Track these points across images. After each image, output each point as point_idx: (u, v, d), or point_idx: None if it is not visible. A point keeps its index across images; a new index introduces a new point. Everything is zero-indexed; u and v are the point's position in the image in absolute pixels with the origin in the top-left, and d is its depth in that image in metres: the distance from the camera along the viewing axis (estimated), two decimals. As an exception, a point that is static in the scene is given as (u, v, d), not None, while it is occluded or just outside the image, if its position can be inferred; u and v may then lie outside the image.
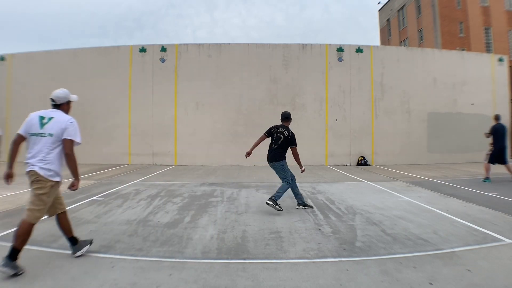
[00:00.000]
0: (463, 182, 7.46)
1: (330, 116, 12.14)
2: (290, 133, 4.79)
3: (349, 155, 12.13)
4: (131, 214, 4.42)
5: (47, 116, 2.75)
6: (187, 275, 2.50)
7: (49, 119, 2.71)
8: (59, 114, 2.79)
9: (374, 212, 4.55)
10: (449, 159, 12.32)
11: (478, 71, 12.91)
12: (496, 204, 5.01)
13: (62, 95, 2.89)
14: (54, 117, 2.73)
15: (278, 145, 4.77)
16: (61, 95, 2.89)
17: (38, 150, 2.64)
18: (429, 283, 2.35)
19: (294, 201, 5.22)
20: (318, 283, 2.38)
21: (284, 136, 4.75)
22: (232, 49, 12.33)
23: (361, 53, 12.32)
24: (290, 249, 3.11)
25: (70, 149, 2.70)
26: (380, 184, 7.18)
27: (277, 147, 4.77)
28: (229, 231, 3.69)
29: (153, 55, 12.17)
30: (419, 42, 24.82)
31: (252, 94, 12.01)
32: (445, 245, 3.17)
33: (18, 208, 4.73)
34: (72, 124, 2.74)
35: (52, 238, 3.37)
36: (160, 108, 12.06)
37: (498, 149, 7.44)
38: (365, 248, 3.10)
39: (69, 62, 12.36)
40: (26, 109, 13.78)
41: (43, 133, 2.66)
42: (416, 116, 12.43)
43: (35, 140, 2.66)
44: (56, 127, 2.67)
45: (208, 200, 5.44)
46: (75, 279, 2.42)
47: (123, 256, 2.89)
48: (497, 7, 22.38)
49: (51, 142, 2.66)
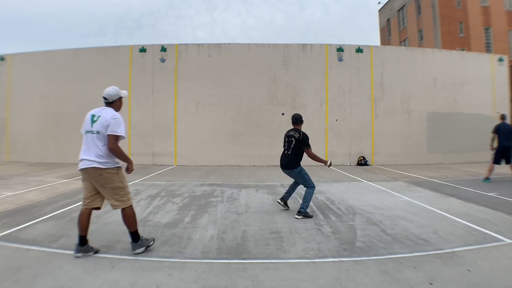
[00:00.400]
0: (463, 182, 7.46)
1: (330, 116, 12.15)
2: (301, 134, 4.52)
3: (349, 155, 12.14)
4: (131, 214, 4.41)
5: (97, 114, 2.90)
6: (187, 275, 2.50)
7: (98, 117, 2.87)
8: (107, 111, 2.92)
9: (374, 212, 4.55)
10: (449, 159, 12.32)
11: (478, 71, 12.91)
12: (496, 204, 5.01)
13: (112, 92, 3.02)
14: (102, 115, 2.87)
15: (291, 150, 4.52)
16: (112, 93, 3.02)
17: (91, 147, 2.83)
18: (429, 283, 2.35)
19: (295, 201, 5.22)
20: (318, 283, 2.38)
21: (295, 138, 4.50)
22: (232, 49, 12.33)
23: (361, 53, 12.32)
24: (290, 249, 3.11)
25: (113, 143, 2.83)
26: (380, 184, 7.18)
27: (290, 153, 4.52)
28: (229, 231, 3.69)
29: (153, 55, 12.17)
30: (419, 42, 24.82)
31: (252, 94, 12.01)
32: (445, 245, 3.17)
33: (18, 208, 4.73)
34: (115, 119, 2.86)
35: (52, 238, 3.38)
36: (160, 108, 12.06)
37: (502, 147, 7.41)
38: (365, 248, 3.10)
39: (69, 62, 12.36)
40: (26, 109, 13.81)
41: (92, 130, 2.84)
42: (416, 116, 12.43)
43: (87, 138, 2.86)
44: (101, 124, 2.83)
45: (208, 200, 5.44)
46: (75, 279, 2.42)
47: (123, 256, 2.89)
48: (497, 7, 22.38)
49: (99, 139, 2.83)
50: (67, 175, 8.47)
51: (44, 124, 12.32)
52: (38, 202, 5.17)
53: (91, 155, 2.81)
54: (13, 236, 3.43)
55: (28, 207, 4.80)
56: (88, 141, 2.84)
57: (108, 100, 2.99)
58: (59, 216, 4.29)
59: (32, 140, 12.27)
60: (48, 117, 12.29)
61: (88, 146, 2.84)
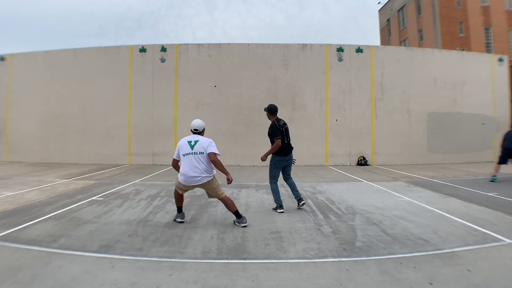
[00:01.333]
0: (463, 182, 7.46)
1: (330, 116, 12.14)
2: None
3: (349, 155, 12.13)
4: (131, 214, 4.42)
5: (194, 139, 3.88)
6: (187, 275, 2.50)
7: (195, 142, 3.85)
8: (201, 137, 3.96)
9: (374, 212, 4.55)
10: (449, 159, 12.31)
11: (478, 71, 12.90)
12: (496, 204, 5.01)
13: (201, 123, 4.13)
14: (199, 140, 3.86)
15: (289, 136, 4.82)
16: (201, 124, 4.12)
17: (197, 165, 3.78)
18: (429, 283, 2.35)
19: (295, 201, 5.22)
20: (318, 283, 2.38)
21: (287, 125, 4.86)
22: (232, 49, 12.32)
23: (361, 53, 12.32)
24: (290, 249, 3.11)
25: (214, 157, 3.79)
26: (380, 184, 7.18)
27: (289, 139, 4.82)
28: (229, 231, 3.70)
29: (153, 55, 12.17)
30: (419, 42, 24.82)
31: (252, 94, 12.00)
32: (445, 245, 3.17)
33: (18, 208, 4.73)
34: (211, 142, 3.90)
35: (52, 238, 3.38)
36: (160, 108, 12.06)
37: (505, 149, 7.67)
38: (365, 248, 3.10)
39: (69, 62, 12.36)
40: (26, 109, 13.80)
41: (195, 152, 3.78)
42: (416, 116, 12.42)
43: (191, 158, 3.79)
44: (201, 146, 3.81)
45: (208, 200, 5.43)
46: (75, 279, 2.42)
47: (123, 256, 2.89)
48: (497, 7, 22.38)
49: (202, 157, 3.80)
50: (67, 175, 8.47)
51: (44, 124, 12.32)
52: (38, 202, 5.17)
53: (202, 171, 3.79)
54: (13, 236, 3.43)
55: (28, 207, 4.80)
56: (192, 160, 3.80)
57: (198, 130, 4.06)
58: (59, 216, 4.29)
59: (32, 140, 12.27)
60: (48, 117, 12.29)
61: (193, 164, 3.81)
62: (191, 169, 3.72)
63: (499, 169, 7.73)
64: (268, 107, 4.87)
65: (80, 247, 3.12)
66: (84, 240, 3.33)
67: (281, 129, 4.68)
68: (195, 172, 3.71)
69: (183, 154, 3.76)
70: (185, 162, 3.75)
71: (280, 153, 4.70)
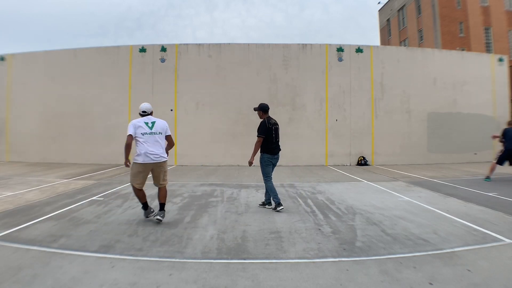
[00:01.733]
0: (463, 182, 7.46)
1: (330, 116, 12.14)
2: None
3: (349, 155, 12.13)
4: (131, 214, 4.42)
5: (150, 121, 3.95)
6: (187, 275, 2.50)
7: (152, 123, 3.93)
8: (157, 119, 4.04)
9: (374, 212, 4.55)
10: (449, 159, 12.32)
11: (478, 71, 12.91)
12: (496, 204, 5.01)
13: (149, 106, 4.12)
14: (156, 121, 3.96)
15: (278, 136, 4.86)
16: (150, 107, 4.11)
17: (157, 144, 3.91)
18: (429, 283, 2.35)
19: (295, 201, 5.23)
20: (318, 283, 2.38)
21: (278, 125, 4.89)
22: (232, 49, 12.33)
23: (361, 53, 12.32)
24: (290, 249, 3.11)
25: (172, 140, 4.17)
26: (380, 184, 7.18)
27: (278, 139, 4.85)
28: (229, 231, 3.70)
29: (153, 55, 12.17)
30: (419, 42, 24.82)
31: (252, 94, 11.99)
32: (445, 245, 3.17)
33: (18, 208, 4.73)
34: (168, 125, 4.11)
35: (52, 238, 3.38)
36: (160, 108, 12.04)
37: (507, 150, 7.53)
38: (365, 248, 3.10)
39: (69, 62, 12.36)
40: (26, 109, 13.78)
41: (155, 132, 3.89)
42: (416, 116, 12.43)
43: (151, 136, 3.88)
44: (160, 127, 3.95)
45: (208, 200, 5.44)
46: (75, 279, 2.42)
47: (123, 256, 2.89)
48: (497, 7, 22.38)
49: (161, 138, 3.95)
50: (67, 175, 8.47)
51: (44, 124, 12.32)
52: (38, 202, 5.17)
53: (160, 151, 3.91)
54: (13, 236, 3.43)
55: (28, 207, 4.80)
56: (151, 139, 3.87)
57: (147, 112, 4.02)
58: (59, 216, 4.29)
59: (32, 140, 12.27)
60: (48, 117, 12.29)
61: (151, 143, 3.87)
62: (153, 146, 3.82)
63: (495, 169, 7.65)
64: (260, 105, 4.93)
65: (80, 247, 3.12)
66: (84, 240, 3.33)
67: (271, 128, 4.73)
68: (157, 149, 3.84)
69: (141, 133, 3.81)
70: (146, 141, 3.82)
71: (268, 151, 4.77)
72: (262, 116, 4.87)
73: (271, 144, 4.74)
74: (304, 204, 5.16)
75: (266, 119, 4.79)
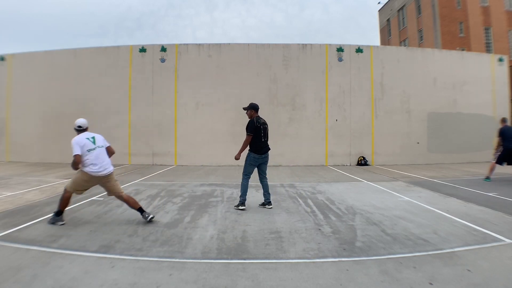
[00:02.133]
0: (463, 182, 7.46)
1: (330, 116, 12.14)
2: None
3: (349, 155, 12.13)
4: (131, 214, 4.41)
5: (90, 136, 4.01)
6: (187, 275, 2.50)
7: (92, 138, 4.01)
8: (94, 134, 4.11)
9: (374, 212, 4.55)
10: (449, 159, 12.32)
11: (478, 71, 12.91)
12: (496, 204, 5.01)
13: (86, 121, 4.15)
14: (95, 136, 4.04)
15: (267, 136, 4.91)
16: (86, 122, 4.14)
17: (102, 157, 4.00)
18: (429, 283, 2.35)
19: (295, 201, 5.23)
20: (318, 283, 2.38)
21: (267, 125, 4.93)
22: (232, 49, 12.32)
23: (361, 53, 12.32)
24: (290, 249, 3.11)
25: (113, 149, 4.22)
26: (380, 184, 7.18)
27: (267, 138, 4.90)
28: (229, 231, 3.70)
29: (153, 55, 12.17)
30: (419, 42, 24.82)
31: (252, 94, 11.96)
32: (445, 245, 3.17)
33: (18, 208, 4.73)
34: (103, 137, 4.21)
35: (52, 238, 3.38)
36: (160, 108, 12.06)
37: (507, 149, 7.46)
38: (365, 248, 3.10)
39: (69, 62, 12.36)
40: (26, 109, 13.76)
41: (99, 146, 3.98)
42: (416, 116, 12.43)
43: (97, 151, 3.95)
44: (100, 141, 4.07)
45: (208, 200, 5.44)
46: (75, 279, 2.42)
47: (123, 256, 2.89)
48: (497, 7, 22.39)
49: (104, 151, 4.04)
50: (67, 175, 8.47)
51: (44, 124, 12.32)
52: (38, 202, 5.17)
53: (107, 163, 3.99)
54: (13, 236, 3.43)
55: (28, 207, 4.80)
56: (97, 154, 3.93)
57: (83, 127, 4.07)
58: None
59: (32, 140, 12.27)
60: (48, 117, 12.29)
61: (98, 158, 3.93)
62: (102, 159, 3.95)
63: (494, 169, 7.64)
64: (250, 104, 4.95)
65: (80, 247, 3.12)
66: (84, 240, 3.33)
67: (259, 127, 4.75)
68: (106, 161, 3.97)
69: (87, 150, 3.86)
70: (95, 155, 3.88)
71: (256, 150, 4.81)
72: (253, 115, 4.88)
73: (259, 142, 4.78)
74: (304, 204, 5.16)
75: (255, 118, 4.81)
